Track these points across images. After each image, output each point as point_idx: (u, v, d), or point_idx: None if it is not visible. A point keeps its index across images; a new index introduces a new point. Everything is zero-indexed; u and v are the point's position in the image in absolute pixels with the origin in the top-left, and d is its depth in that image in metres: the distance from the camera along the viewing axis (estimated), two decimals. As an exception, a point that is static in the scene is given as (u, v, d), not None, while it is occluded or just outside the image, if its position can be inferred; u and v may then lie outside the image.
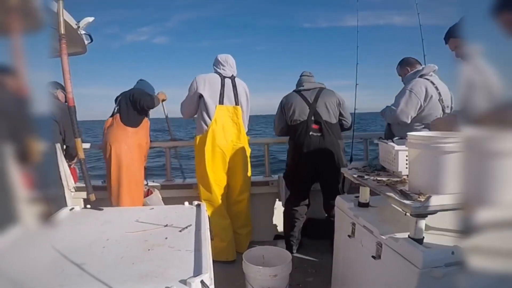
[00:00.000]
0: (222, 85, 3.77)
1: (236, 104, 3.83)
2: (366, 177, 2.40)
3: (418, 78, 3.44)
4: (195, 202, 2.33)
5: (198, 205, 2.28)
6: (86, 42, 3.51)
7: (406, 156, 2.26)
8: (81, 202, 3.80)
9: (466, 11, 0.70)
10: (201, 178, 3.79)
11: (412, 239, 1.85)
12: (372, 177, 2.38)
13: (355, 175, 2.49)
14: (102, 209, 2.25)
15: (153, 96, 3.95)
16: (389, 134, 3.51)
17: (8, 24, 0.70)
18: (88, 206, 2.31)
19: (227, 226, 3.81)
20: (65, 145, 3.62)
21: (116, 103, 3.96)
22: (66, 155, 3.65)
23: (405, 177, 2.27)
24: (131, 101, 3.84)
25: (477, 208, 0.74)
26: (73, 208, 2.25)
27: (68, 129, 3.39)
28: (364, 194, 2.52)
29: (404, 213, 2.16)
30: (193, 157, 3.91)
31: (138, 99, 3.82)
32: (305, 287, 3.27)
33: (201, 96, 3.71)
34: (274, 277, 2.83)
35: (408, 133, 2.07)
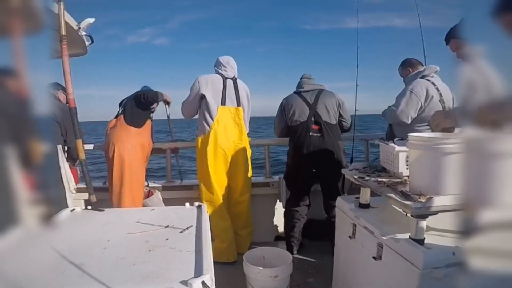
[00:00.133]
0: (224, 86, 3.77)
1: (238, 105, 3.83)
2: (367, 178, 2.40)
3: (419, 79, 3.44)
4: (196, 203, 2.33)
5: (199, 206, 2.28)
6: (87, 43, 3.52)
7: (407, 157, 2.26)
8: (82, 203, 3.79)
9: (467, 13, 0.70)
10: (203, 179, 3.78)
11: (413, 240, 1.85)
12: (373, 178, 2.38)
13: (356, 176, 2.49)
14: (103, 210, 2.25)
15: (158, 92, 4.01)
16: (391, 135, 3.51)
17: (9, 26, 0.70)
18: (89, 207, 2.31)
19: (228, 227, 3.80)
20: (67, 146, 3.63)
21: (121, 106, 4.01)
22: (68, 157, 3.66)
23: (406, 178, 2.27)
24: (136, 97, 3.93)
25: (478, 209, 0.74)
26: (74, 209, 2.26)
27: (70, 130, 3.41)
28: (365, 195, 2.52)
29: (405, 214, 2.16)
30: (194, 158, 3.91)
31: (143, 92, 3.92)
32: (306, 288, 3.27)
33: (203, 97, 3.71)
34: (275, 278, 2.83)
35: (409, 134, 2.07)
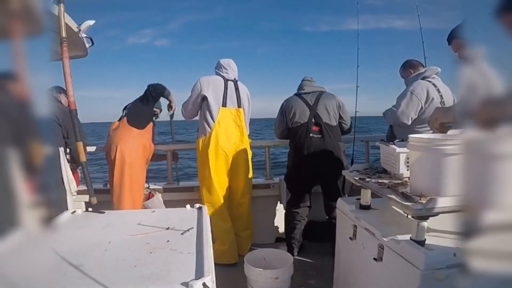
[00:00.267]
0: (225, 88, 3.79)
1: (239, 107, 3.85)
2: (368, 180, 2.40)
3: (420, 80, 3.44)
4: (197, 205, 2.33)
5: (200, 208, 2.28)
6: (87, 45, 3.52)
7: (408, 158, 2.26)
8: (83, 206, 3.79)
9: (467, 14, 0.70)
10: (204, 181, 3.78)
11: (414, 241, 1.85)
12: (374, 180, 2.38)
13: (357, 178, 2.49)
14: (104, 212, 2.25)
15: (166, 88, 4.03)
16: (391, 136, 3.51)
17: (10, 28, 0.70)
18: (90, 209, 2.31)
19: (229, 229, 3.80)
20: (68, 148, 3.64)
21: (125, 110, 4.04)
22: (71, 159, 3.67)
23: (407, 179, 2.26)
24: (143, 94, 3.96)
25: (479, 211, 0.74)
26: (75, 211, 2.26)
27: (71, 133, 3.41)
28: (366, 197, 2.52)
29: (406, 215, 2.16)
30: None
31: (151, 85, 3.96)
32: (307, 290, 3.27)
33: (205, 98, 3.72)
34: (276, 280, 2.83)
35: (409, 136, 2.07)
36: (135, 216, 2.17)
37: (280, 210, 4.35)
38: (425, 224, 1.84)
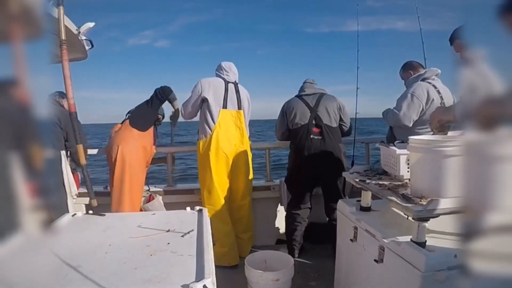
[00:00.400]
0: (226, 90, 3.80)
1: (239, 109, 3.86)
2: (368, 181, 2.40)
3: (420, 82, 3.44)
4: (197, 207, 2.33)
5: (200, 210, 2.29)
6: (87, 48, 3.52)
7: (408, 160, 2.27)
8: (83, 208, 3.79)
9: (468, 16, 0.70)
10: (205, 183, 3.78)
11: (415, 243, 1.85)
12: (374, 181, 2.38)
13: (357, 179, 2.49)
14: (104, 215, 2.25)
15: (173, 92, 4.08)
16: (391, 138, 3.51)
17: (9, 31, 0.70)
18: (90, 212, 2.32)
19: (229, 231, 3.80)
20: (69, 151, 3.65)
21: (128, 113, 4.08)
22: (73, 161, 3.69)
23: (407, 181, 2.27)
24: (150, 96, 4.00)
25: (479, 212, 0.74)
26: (75, 214, 2.26)
27: (72, 136, 3.43)
28: (366, 198, 2.52)
29: (406, 217, 2.16)
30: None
31: (160, 87, 4.00)
32: (308, 292, 3.27)
33: (205, 100, 3.74)
34: (276, 282, 2.83)
35: (410, 137, 2.07)
36: (136, 219, 2.17)
37: (281, 212, 4.35)
38: (426, 226, 1.84)
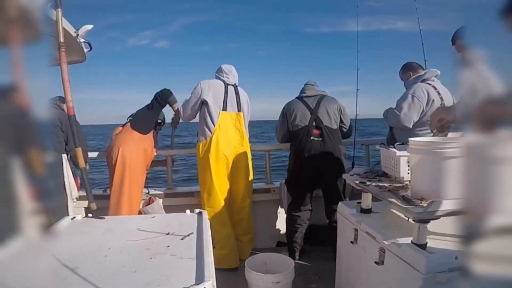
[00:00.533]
0: (226, 92, 3.81)
1: (239, 111, 3.87)
2: (368, 183, 2.40)
3: (420, 83, 3.44)
4: (197, 210, 2.33)
5: (200, 213, 2.29)
6: (86, 50, 3.52)
7: (408, 162, 2.27)
8: (83, 211, 3.79)
9: (468, 17, 0.70)
10: (205, 185, 3.78)
11: (415, 245, 1.85)
12: (374, 183, 2.39)
13: (357, 181, 2.49)
14: (104, 218, 2.25)
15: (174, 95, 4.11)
16: (392, 139, 3.51)
17: (8, 35, 0.71)
18: (90, 215, 2.32)
19: (229, 234, 3.80)
20: (68, 154, 3.66)
21: (129, 117, 4.11)
22: (74, 164, 3.70)
23: (407, 183, 2.27)
24: (151, 101, 4.02)
25: (480, 214, 0.74)
26: (75, 217, 2.26)
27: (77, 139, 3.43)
28: (366, 200, 2.52)
29: (407, 219, 2.16)
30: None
31: (160, 91, 4.03)
32: (308, 294, 3.27)
33: (205, 102, 3.74)
34: (277, 284, 2.83)
35: (410, 139, 2.08)
36: (135, 222, 2.17)
37: (281, 214, 4.36)
38: (426, 228, 1.84)
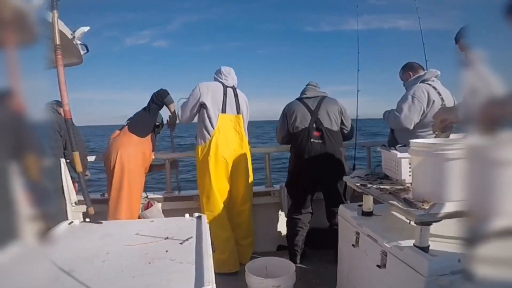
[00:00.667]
0: (225, 94, 3.81)
1: (238, 113, 3.87)
2: (369, 186, 2.40)
3: (420, 84, 3.44)
4: (196, 214, 2.33)
5: (199, 217, 2.28)
6: (82, 53, 3.52)
7: (409, 164, 2.27)
8: (80, 216, 3.79)
9: (469, 17, 0.70)
10: (204, 189, 3.78)
11: (418, 247, 1.86)
12: (375, 186, 2.39)
13: (358, 184, 2.49)
14: (101, 223, 2.25)
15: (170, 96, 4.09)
16: (393, 141, 3.51)
17: (3, 39, 0.70)
18: (87, 220, 2.31)
19: (229, 238, 3.80)
20: (67, 160, 3.66)
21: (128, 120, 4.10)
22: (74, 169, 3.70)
23: (409, 185, 2.27)
24: (150, 100, 4.01)
25: (483, 216, 0.74)
26: (72, 222, 2.26)
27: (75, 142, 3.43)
28: (368, 203, 2.53)
29: (409, 221, 2.16)
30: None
31: (156, 92, 4.01)
32: (310, 298, 3.27)
33: (204, 104, 3.74)
34: (278, 288, 2.82)
35: (411, 140, 2.08)
36: (133, 226, 2.17)
37: (282, 218, 4.36)
38: (429, 230, 1.84)
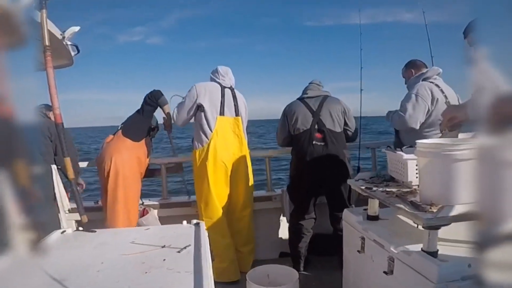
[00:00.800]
0: (223, 95, 3.80)
1: (237, 115, 3.85)
2: (375, 189, 2.40)
3: (422, 82, 3.45)
4: (194, 221, 2.33)
5: (197, 224, 2.28)
6: (73, 53, 3.49)
7: (416, 165, 2.27)
8: (74, 224, 3.78)
9: (478, 9, 0.70)
10: (202, 195, 3.76)
11: (426, 252, 1.85)
12: (381, 189, 2.39)
13: (363, 187, 2.49)
14: (95, 231, 2.24)
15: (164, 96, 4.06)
16: (398, 144, 3.50)
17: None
18: (80, 229, 2.31)
19: (229, 245, 3.79)
20: (57, 166, 3.65)
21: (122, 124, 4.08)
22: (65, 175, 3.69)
23: (416, 188, 2.27)
24: (143, 102, 3.98)
25: (494, 220, 0.74)
26: (65, 231, 2.25)
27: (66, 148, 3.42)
28: (373, 207, 2.52)
29: (416, 225, 2.16)
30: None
31: (149, 93, 3.99)
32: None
33: (201, 106, 3.72)
34: (281, 297, 2.82)
35: (417, 141, 2.07)
36: (129, 234, 2.17)
37: (283, 223, 4.35)
38: (437, 234, 1.84)
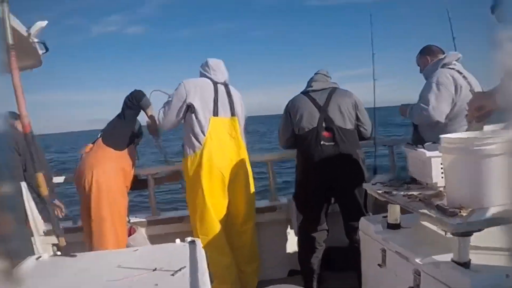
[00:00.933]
0: (216, 92, 3.75)
1: (233, 115, 3.81)
2: (394, 193, 2.40)
3: (441, 69, 3.44)
4: (188, 239, 2.32)
5: (192, 242, 2.27)
6: (41, 52, 3.47)
7: (441, 164, 2.26)
8: (50, 249, 3.77)
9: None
10: (196, 208, 3.72)
11: (456, 263, 1.85)
12: (402, 192, 2.38)
13: (381, 191, 2.49)
14: (76, 256, 2.24)
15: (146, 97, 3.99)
16: (418, 139, 3.47)
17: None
18: (58, 253, 2.31)
19: (229, 264, 3.77)
20: (27, 183, 3.64)
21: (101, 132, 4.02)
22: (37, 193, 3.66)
23: (441, 189, 2.27)
24: (123, 105, 3.91)
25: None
26: (40, 257, 2.25)
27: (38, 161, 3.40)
28: (393, 213, 2.52)
29: (444, 233, 2.16)
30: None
31: (129, 94, 3.92)
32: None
33: (191, 106, 3.66)
34: (292, 322, 2.82)
35: (441, 136, 2.07)
36: (114, 257, 2.17)
37: (291, 236, 4.35)
38: (469, 242, 1.83)
